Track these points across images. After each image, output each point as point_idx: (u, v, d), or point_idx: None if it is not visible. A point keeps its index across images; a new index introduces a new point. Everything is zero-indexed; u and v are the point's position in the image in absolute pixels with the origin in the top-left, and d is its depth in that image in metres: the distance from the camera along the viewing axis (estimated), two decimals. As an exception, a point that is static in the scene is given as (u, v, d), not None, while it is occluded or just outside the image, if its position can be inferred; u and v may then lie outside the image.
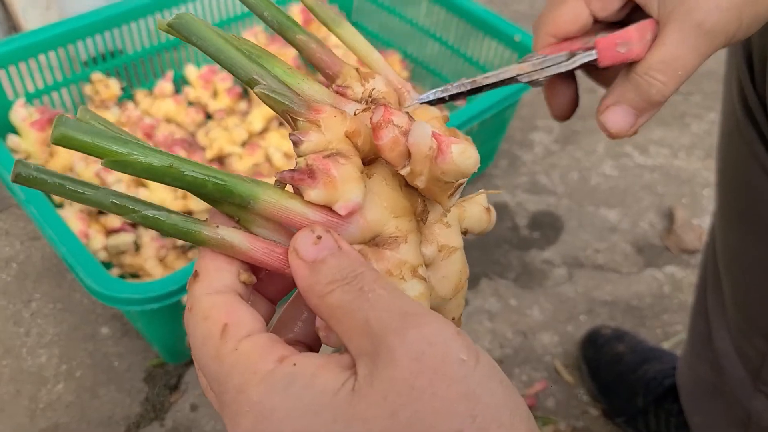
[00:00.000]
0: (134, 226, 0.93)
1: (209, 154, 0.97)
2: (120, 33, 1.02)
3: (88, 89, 1.03)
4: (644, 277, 1.03)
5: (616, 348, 0.86)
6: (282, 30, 0.28)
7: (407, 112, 0.26)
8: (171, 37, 1.07)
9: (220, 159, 0.99)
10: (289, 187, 0.25)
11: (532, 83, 0.34)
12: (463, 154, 0.24)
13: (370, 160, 0.27)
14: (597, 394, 0.86)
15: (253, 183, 0.24)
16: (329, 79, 0.29)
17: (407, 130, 0.25)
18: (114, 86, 1.03)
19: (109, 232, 0.91)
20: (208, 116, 1.11)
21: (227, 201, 0.24)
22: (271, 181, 0.80)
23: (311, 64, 0.29)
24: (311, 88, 0.26)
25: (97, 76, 1.02)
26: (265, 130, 1.06)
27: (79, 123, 0.22)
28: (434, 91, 0.31)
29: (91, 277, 0.66)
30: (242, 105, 1.11)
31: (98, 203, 0.23)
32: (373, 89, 0.28)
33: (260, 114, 1.04)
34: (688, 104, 1.33)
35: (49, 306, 0.94)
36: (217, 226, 0.24)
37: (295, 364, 0.22)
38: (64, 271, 0.97)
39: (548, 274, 1.03)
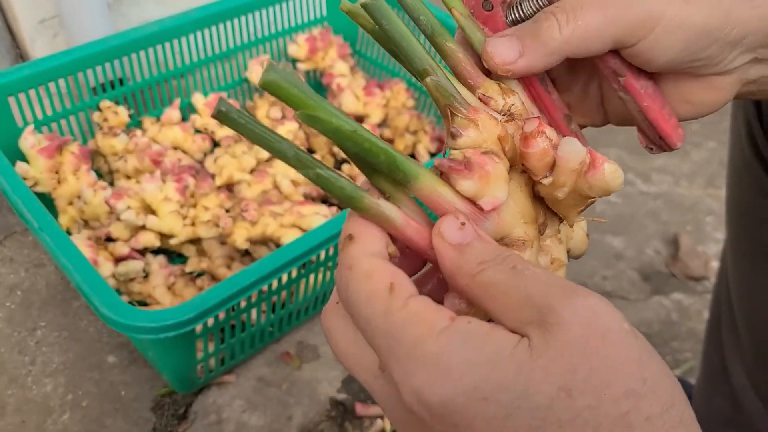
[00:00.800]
0: (143, 253, 0.93)
1: (219, 181, 0.97)
2: (128, 61, 1.02)
3: (96, 116, 1.03)
4: (651, 304, 1.04)
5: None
6: (433, 35, 0.30)
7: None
8: (178, 64, 1.08)
9: (229, 186, 0.99)
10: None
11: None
12: (614, 173, 0.26)
13: (511, 165, 0.29)
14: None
15: (416, 164, 0.26)
16: (470, 89, 0.30)
17: (556, 143, 0.27)
18: (122, 113, 1.03)
19: (118, 259, 0.90)
20: (215, 143, 1.11)
21: (391, 174, 0.26)
22: (280, 209, 0.78)
23: (454, 73, 0.31)
24: (464, 91, 0.29)
25: (105, 103, 1.03)
26: (272, 158, 1.06)
27: (287, 74, 0.24)
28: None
29: (106, 305, 0.65)
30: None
31: (281, 152, 0.24)
32: (513, 104, 0.30)
33: (268, 141, 1.04)
34: (687, 132, 1.34)
35: (55, 334, 0.93)
36: (379, 198, 0.26)
37: (469, 322, 0.23)
38: (69, 299, 0.96)
39: (556, 301, 1.03)
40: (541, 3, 0.32)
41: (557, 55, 0.30)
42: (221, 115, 0.23)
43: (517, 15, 0.33)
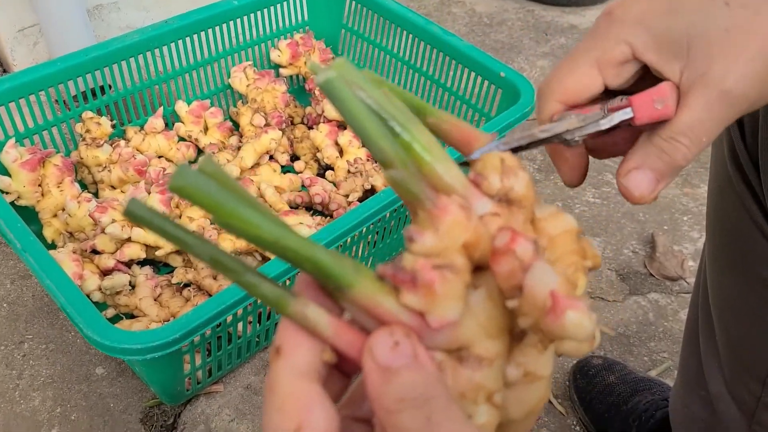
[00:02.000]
0: (129, 265, 0.93)
1: (202, 192, 0.97)
2: (110, 70, 1.02)
3: (78, 127, 1.03)
4: (629, 305, 1.06)
5: (606, 379, 0.88)
6: (416, 113, 0.27)
7: (535, 237, 0.25)
8: (161, 73, 1.08)
9: (213, 196, 1.00)
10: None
11: (572, 142, 0.34)
12: (577, 325, 0.22)
13: (483, 268, 0.25)
14: (589, 425, 0.88)
15: (354, 270, 0.23)
16: (468, 160, 0.28)
17: (528, 265, 0.23)
18: (105, 124, 1.03)
19: (104, 272, 0.91)
20: (200, 151, 1.11)
21: (321, 282, 0.24)
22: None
23: (443, 138, 0.28)
24: (447, 171, 0.25)
25: (87, 114, 1.03)
26: (256, 165, 1.07)
27: (200, 176, 0.22)
28: (495, 143, 0.30)
29: (91, 327, 0.66)
30: (233, 139, 1.12)
31: (198, 255, 0.23)
32: (511, 188, 0.26)
33: (252, 149, 1.05)
34: (665, 131, 1.37)
35: (42, 347, 0.93)
36: (307, 304, 0.24)
37: None
38: (56, 311, 0.97)
39: (537, 303, 1.05)
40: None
41: (685, 166, 0.33)
42: (131, 216, 0.22)
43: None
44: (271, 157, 1.10)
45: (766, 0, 0.31)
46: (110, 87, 1.06)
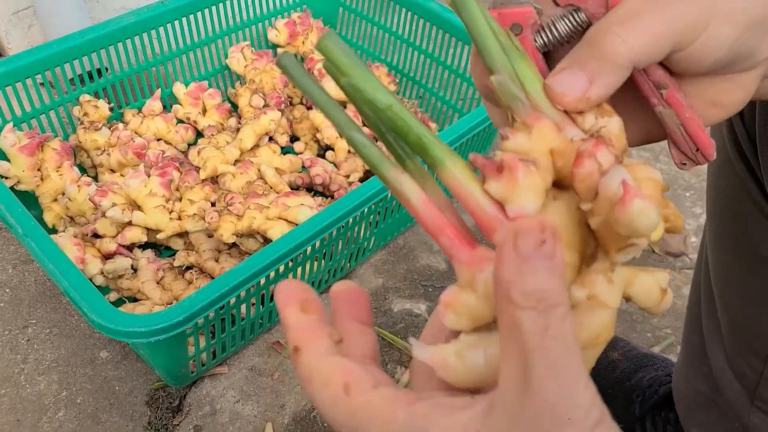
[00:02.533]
0: (130, 249, 0.93)
1: (203, 174, 0.97)
2: (107, 52, 1.01)
3: (76, 111, 1.02)
4: (632, 282, 1.06)
5: (610, 355, 0.88)
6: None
7: (622, 162, 0.26)
8: (158, 54, 1.07)
9: (214, 179, 1.00)
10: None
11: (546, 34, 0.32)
12: (642, 213, 0.23)
13: (566, 186, 0.26)
14: (593, 401, 0.88)
15: (448, 152, 0.26)
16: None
17: (606, 170, 0.24)
18: (103, 107, 1.02)
19: (105, 256, 0.91)
20: (198, 134, 1.11)
21: (420, 156, 0.26)
22: (266, 201, 0.79)
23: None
24: (545, 100, 0.27)
25: (85, 97, 1.02)
26: (256, 146, 1.06)
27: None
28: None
29: (94, 311, 0.66)
30: (231, 121, 1.11)
31: (325, 110, 0.26)
32: (603, 127, 0.27)
33: (251, 130, 1.04)
34: (667, 106, 1.36)
35: (46, 331, 0.93)
36: (403, 173, 0.26)
37: (431, 403, 0.23)
38: (59, 294, 0.97)
39: (540, 281, 1.05)
40: (577, 20, 0.31)
41: (627, 69, 0.28)
42: (281, 66, 0.26)
43: (549, 37, 0.31)
44: (271, 138, 1.10)
45: None
46: (107, 69, 1.05)
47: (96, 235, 0.93)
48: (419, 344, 0.24)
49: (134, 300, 0.91)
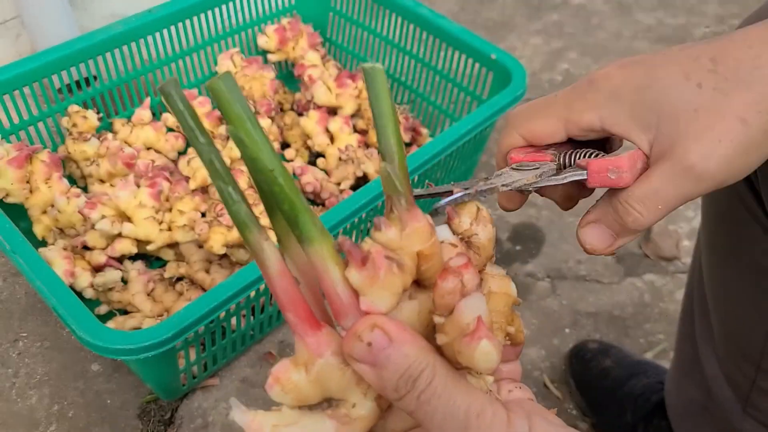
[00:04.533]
0: (120, 261, 0.93)
1: (193, 184, 0.97)
2: (95, 62, 1.00)
3: (65, 121, 1.02)
4: (625, 287, 1.06)
5: (602, 363, 0.88)
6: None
7: (481, 278, 0.28)
8: (146, 63, 1.06)
9: (204, 189, 0.99)
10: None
11: (526, 191, 0.36)
12: (486, 354, 0.24)
13: (424, 286, 0.27)
14: (586, 409, 0.88)
15: (319, 229, 0.26)
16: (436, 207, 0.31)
17: (467, 291, 0.25)
18: (92, 118, 1.02)
19: (95, 268, 0.90)
20: (188, 142, 1.10)
21: (290, 226, 0.26)
22: (256, 211, 0.78)
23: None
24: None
25: (73, 108, 1.01)
26: (246, 155, 1.05)
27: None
28: (461, 194, 0.33)
29: (84, 329, 0.66)
30: (222, 129, 1.10)
31: (201, 154, 0.25)
32: (475, 234, 0.29)
33: (241, 139, 1.03)
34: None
35: (37, 344, 0.93)
36: (267, 238, 0.26)
37: None
38: (49, 308, 0.96)
39: (532, 287, 1.05)
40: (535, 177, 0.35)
41: (643, 231, 0.35)
42: (163, 93, 0.24)
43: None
44: (262, 146, 1.09)
45: (737, 85, 0.32)
46: (95, 78, 1.04)
47: (86, 247, 0.92)
48: (239, 407, 0.25)
49: (125, 312, 0.90)
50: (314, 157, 1.13)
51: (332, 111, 1.14)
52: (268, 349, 0.93)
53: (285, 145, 1.14)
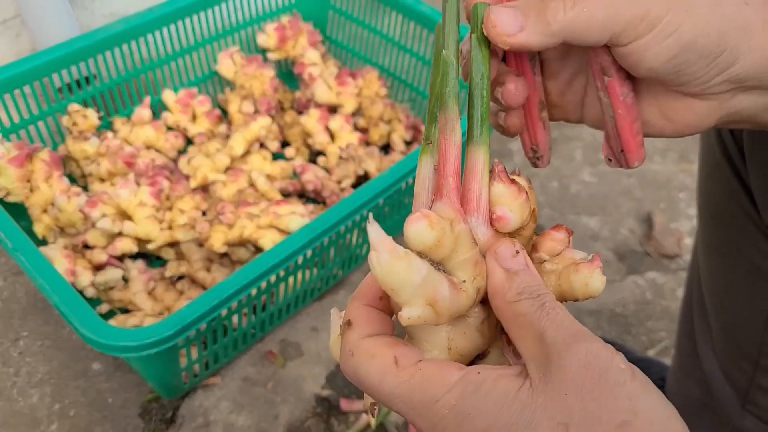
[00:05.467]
0: (121, 259, 0.92)
1: (193, 183, 0.96)
2: (95, 61, 1.00)
3: (65, 120, 1.01)
4: (627, 284, 1.06)
5: (604, 360, 0.87)
6: None
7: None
8: (146, 61, 1.06)
9: (204, 187, 0.99)
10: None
11: None
12: (599, 280, 0.29)
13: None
14: (588, 406, 0.88)
15: (486, 137, 0.31)
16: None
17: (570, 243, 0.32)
18: (92, 116, 1.01)
19: (96, 267, 0.90)
20: (188, 140, 1.10)
21: (475, 125, 0.31)
22: (257, 209, 0.78)
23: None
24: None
25: (74, 107, 1.01)
26: (246, 153, 1.05)
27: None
28: None
29: (86, 326, 0.66)
30: (221, 128, 1.10)
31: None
32: (545, 261, 0.31)
33: (241, 137, 1.03)
34: (660, 106, 1.36)
35: (38, 343, 0.93)
36: (459, 117, 0.31)
37: (479, 373, 0.26)
38: (50, 307, 0.96)
39: (534, 285, 1.04)
40: None
41: (556, 38, 0.30)
42: None
43: None
44: (261, 145, 1.09)
45: None
46: (95, 77, 1.04)
47: (86, 246, 0.92)
48: (375, 224, 0.26)
49: (125, 311, 0.90)
50: (314, 155, 1.12)
51: (332, 109, 1.14)
52: (270, 348, 0.93)
53: (285, 144, 1.14)
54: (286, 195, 1.03)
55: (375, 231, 0.25)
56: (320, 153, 1.11)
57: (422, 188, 0.30)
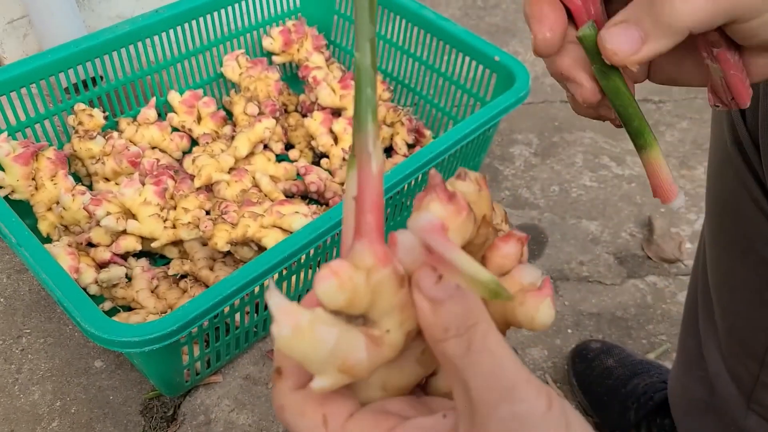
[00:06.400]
0: (124, 258, 0.93)
1: (198, 182, 0.97)
2: (101, 61, 1.01)
3: (71, 119, 1.02)
4: (627, 288, 1.06)
5: (605, 362, 0.88)
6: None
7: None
8: (152, 63, 1.07)
9: (208, 187, 1.00)
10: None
11: None
12: (548, 310, 0.27)
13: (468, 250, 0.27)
14: (589, 408, 0.88)
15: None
16: None
17: (524, 260, 0.28)
18: (98, 116, 1.02)
19: (100, 264, 0.91)
20: (193, 141, 1.11)
21: (634, 137, 0.33)
22: (260, 209, 0.77)
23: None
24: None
25: (80, 106, 1.02)
26: (251, 154, 1.06)
27: None
28: None
29: (88, 321, 0.66)
30: (226, 129, 1.11)
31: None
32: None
33: (246, 138, 1.04)
34: (660, 113, 1.36)
35: (40, 341, 0.93)
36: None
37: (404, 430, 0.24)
38: (53, 304, 0.97)
39: (535, 288, 1.05)
40: None
41: (682, 34, 0.28)
42: None
43: None
44: (266, 146, 1.10)
45: None
46: (102, 78, 1.05)
47: (90, 244, 0.93)
48: (275, 290, 0.23)
49: (128, 309, 0.90)
50: (318, 157, 1.13)
51: (336, 112, 1.15)
52: (271, 347, 0.93)
53: (289, 146, 1.15)
54: (289, 196, 1.04)
55: (275, 299, 0.22)
56: (324, 155, 1.12)
57: (349, 212, 0.26)
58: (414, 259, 0.24)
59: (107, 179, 1.01)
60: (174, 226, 0.92)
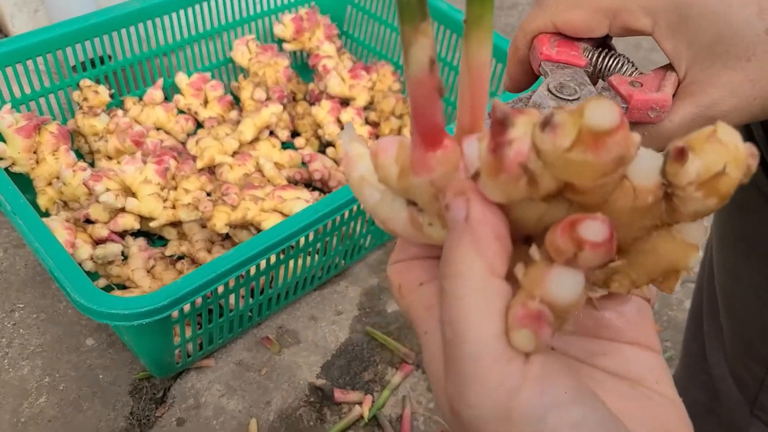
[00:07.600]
0: (122, 236, 0.92)
1: (200, 163, 0.96)
2: (110, 39, 1.00)
3: (76, 95, 1.01)
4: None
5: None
6: None
7: None
8: (161, 43, 1.06)
9: (211, 169, 0.98)
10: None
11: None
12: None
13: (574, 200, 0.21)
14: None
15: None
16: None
17: (577, 263, 0.20)
18: (103, 93, 1.01)
19: (96, 241, 0.89)
20: (199, 124, 1.09)
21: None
22: (262, 193, 0.76)
23: None
24: None
25: (86, 82, 1.01)
26: (255, 140, 1.05)
27: None
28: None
29: (78, 292, 0.65)
30: (233, 114, 1.10)
31: None
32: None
33: (251, 123, 1.03)
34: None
35: (33, 316, 0.92)
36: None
37: None
38: (48, 280, 0.95)
39: (538, 288, 1.02)
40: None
41: None
42: None
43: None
44: (272, 133, 1.08)
45: None
46: (110, 57, 1.04)
47: (88, 221, 0.91)
48: (353, 131, 0.24)
49: (123, 287, 0.89)
50: (324, 146, 1.12)
51: (344, 102, 1.13)
52: (266, 334, 0.92)
53: (295, 134, 1.13)
54: (293, 183, 1.02)
55: (350, 139, 0.24)
56: (330, 144, 1.10)
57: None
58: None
59: (110, 157, 1.00)
60: (174, 207, 0.91)
